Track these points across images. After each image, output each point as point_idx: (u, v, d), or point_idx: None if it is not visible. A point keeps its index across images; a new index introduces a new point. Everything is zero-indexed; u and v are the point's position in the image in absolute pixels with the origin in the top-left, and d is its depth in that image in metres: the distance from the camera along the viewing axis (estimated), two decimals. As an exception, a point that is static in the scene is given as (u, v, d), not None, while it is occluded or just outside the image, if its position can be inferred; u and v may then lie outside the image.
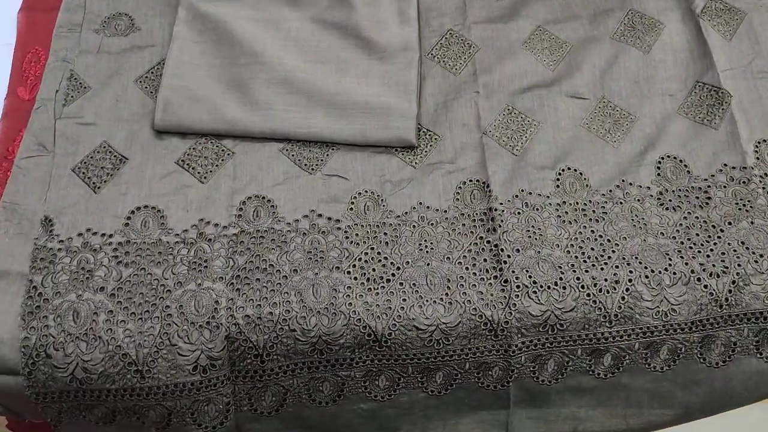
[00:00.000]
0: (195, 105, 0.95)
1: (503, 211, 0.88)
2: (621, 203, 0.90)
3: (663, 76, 1.00)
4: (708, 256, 0.85)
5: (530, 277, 0.83)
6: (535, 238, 0.87)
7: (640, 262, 0.85)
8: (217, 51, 1.00)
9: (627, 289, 0.83)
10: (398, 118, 0.95)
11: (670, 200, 0.90)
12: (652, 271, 0.84)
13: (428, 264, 0.85)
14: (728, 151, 0.93)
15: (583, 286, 0.83)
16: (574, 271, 0.84)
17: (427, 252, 0.86)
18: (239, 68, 0.98)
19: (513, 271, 0.84)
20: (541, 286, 0.83)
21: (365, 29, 1.03)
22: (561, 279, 0.83)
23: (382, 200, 0.90)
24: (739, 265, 0.85)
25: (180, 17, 1.02)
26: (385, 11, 1.05)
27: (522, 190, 0.90)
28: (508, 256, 0.85)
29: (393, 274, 0.84)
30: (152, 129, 0.95)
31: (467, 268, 0.85)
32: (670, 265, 0.85)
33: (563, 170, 0.92)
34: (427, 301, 0.83)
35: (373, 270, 0.84)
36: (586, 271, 0.84)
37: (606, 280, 0.84)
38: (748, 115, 0.96)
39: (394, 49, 1.01)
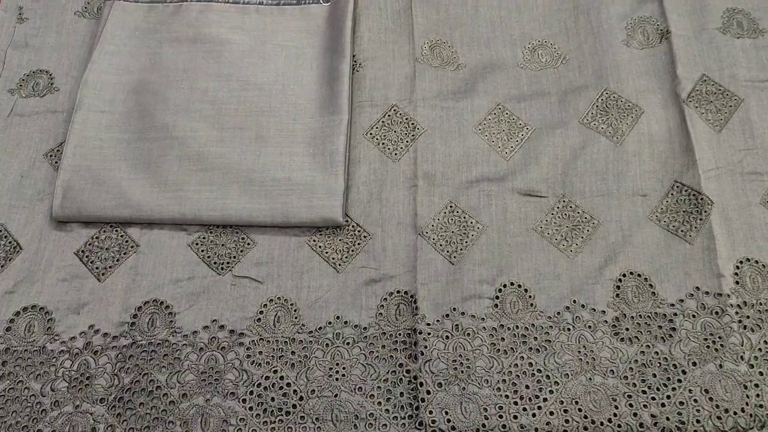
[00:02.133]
0: (98, 189, 0.85)
1: (429, 334, 0.77)
2: (569, 330, 0.77)
3: (636, 172, 0.86)
4: (663, 405, 0.73)
5: (449, 421, 0.72)
6: (462, 371, 0.75)
7: (580, 409, 0.73)
8: (125, 123, 0.90)
9: (561, 442, 0.72)
10: (323, 195, 0.84)
11: (626, 329, 0.77)
12: (593, 422, 0.72)
13: (336, 395, 0.75)
14: (702, 271, 0.80)
15: (509, 436, 0.72)
16: (501, 416, 0.72)
17: (337, 379, 0.75)
18: (149, 143, 0.88)
19: (431, 412, 0.73)
20: (461, 433, 0.72)
21: (290, 90, 0.92)
22: (484, 426, 0.72)
23: (295, 310, 0.80)
24: (698, 420, 0.72)
25: (86, 81, 0.92)
26: (315, 69, 0.94)
27: (454, 309, 0.79)
28: (428, 392, 0.74)
29: (294, 406, 0.74)
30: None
31: (380, 403, 0.74)
32: (615, 414, 0.72)
33: (505, 286, 0.80)
34: (329, 441, 0.72)
35: (272, 399, 0.74)
36: (515, 417, 0.72)
37: (537, 429, 0.72)
38: (732, 227, 0.82)
39: (322, 112, 0.90)
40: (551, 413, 0.73)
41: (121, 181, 0.86)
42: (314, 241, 0.84)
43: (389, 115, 0.91)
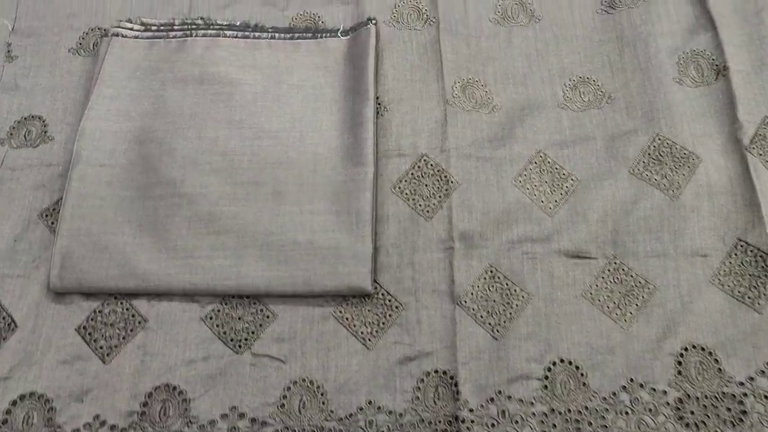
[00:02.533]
0: (100, 256, 0.77)
1: (473, 422, 0.69)
2: (627, 413, 0.70)
3: (695, 229, 0.78)
4: (737, 503, 0.65)
5: None
6: (511, 466, 0.68)
7: None
8: (127, 178, 0.82)
9: None
10: (349, 260, 0.76)
11: (692, 412, 0.70)
12: None
13: (371, 495, 0.67)
14: (774, 345, 0.72)
15: None
16: None
17: (371, 476, 0.68)
18: (154, 202, 0.80)
19: None
20: None
21: (309, 137, 0.83)
22: None
23: (322, 394, 0.72)
24: None
25: (83, 130, 0.84)
26: (335, 113, 0.85)
27: (499, 392, 0.71)
28: (474, 492, 0.66)
29: (326, 508, 0.67)
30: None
31: (420, 504, 0.67)
32: None
33: (554, 363, 0.72)
34: None
35: (301, 501, 0.67)
36: None
37: None
38: (805, 293, 0.74)
39: (344, 163, 0.81)
40: None
41: (125, 247, 0.78)
42: (340, 312, 0.76)
43: (419, 167, 0.83)
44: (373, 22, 0.91)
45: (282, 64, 0.90)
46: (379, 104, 0.87)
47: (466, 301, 0.75)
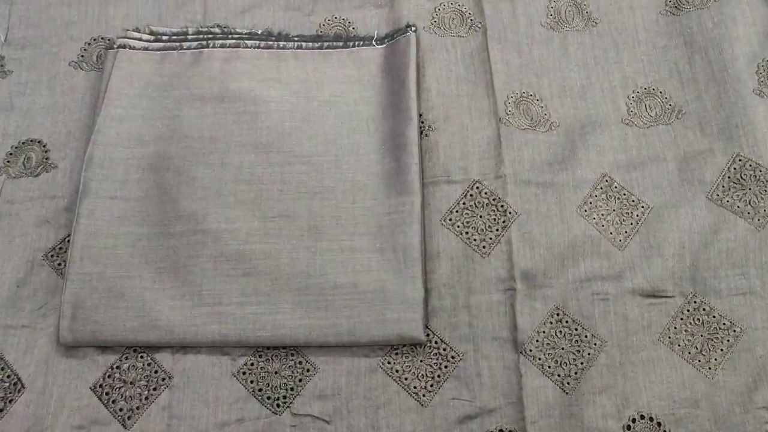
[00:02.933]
0: (115, 304, 0.68)
1: (546, 491, 0.62)
2: (718, 478, 0.62)
3: (784, 263, 0.70)
4: None
5: None
6: None
7: None
8: (142, 212, 0.73)
9: None
10: (398, 305, 0.68)
11: (790, 474, 0.62)
12: None
13: None
14: None
15: None
16: None
17: None
18: (174, 240, 0.71)
19: None
20: None
21: (345, 162, 0.74)
22: None
23: (374, 459, 0.64)
24: None
25: (91, 157, 0.74)
26: (373, 134, 0.76)
27: (575, 456, 0.63)
28: None
29: None
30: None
31: None
32: None
33: (634, 420, 0.64)
34: None
35: None
36: None
37: None
38: None
39: (387, 192, 0.73)
40: None
41: (143, 293, 0.69)
42: (389, 363, 0.68)
43: (472, 195, 0.74)
44: (413, 29, 0.81)
45: (311, 77, 0.80)
46: (422, 123, 0.77)
47: (531, 350, 0.67)
